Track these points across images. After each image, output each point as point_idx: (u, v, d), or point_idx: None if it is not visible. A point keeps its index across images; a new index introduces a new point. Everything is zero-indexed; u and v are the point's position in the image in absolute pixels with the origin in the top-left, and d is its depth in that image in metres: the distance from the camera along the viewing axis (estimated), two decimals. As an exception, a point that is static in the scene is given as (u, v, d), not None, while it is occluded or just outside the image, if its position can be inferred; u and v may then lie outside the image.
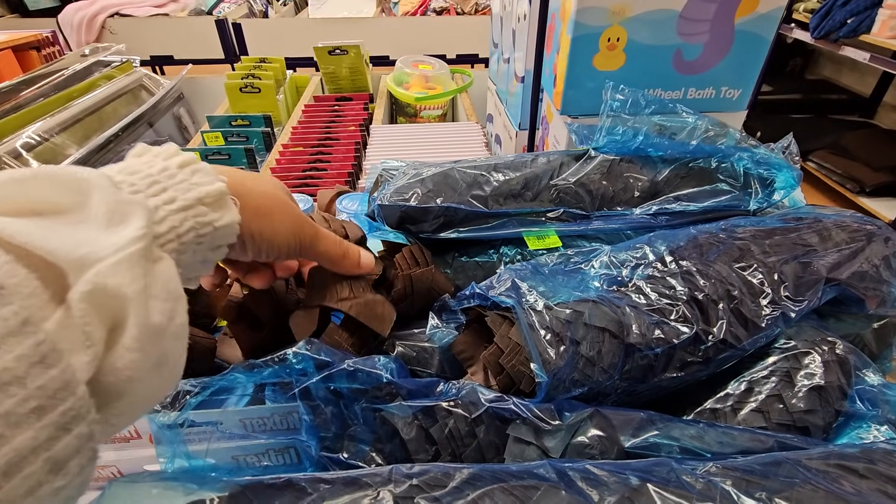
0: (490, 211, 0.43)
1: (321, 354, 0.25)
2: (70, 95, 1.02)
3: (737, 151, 0.47)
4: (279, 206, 0.28)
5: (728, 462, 0.25)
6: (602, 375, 0.29)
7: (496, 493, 0.21)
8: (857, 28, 2.37)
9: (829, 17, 2.49)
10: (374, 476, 0.22)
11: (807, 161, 2.70)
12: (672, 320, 0.31)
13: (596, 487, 0.21)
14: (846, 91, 3.40)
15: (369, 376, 0.26)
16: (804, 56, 3.74)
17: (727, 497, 0.22)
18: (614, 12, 0.54)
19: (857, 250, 0.38)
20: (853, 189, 2.43)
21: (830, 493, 0.22)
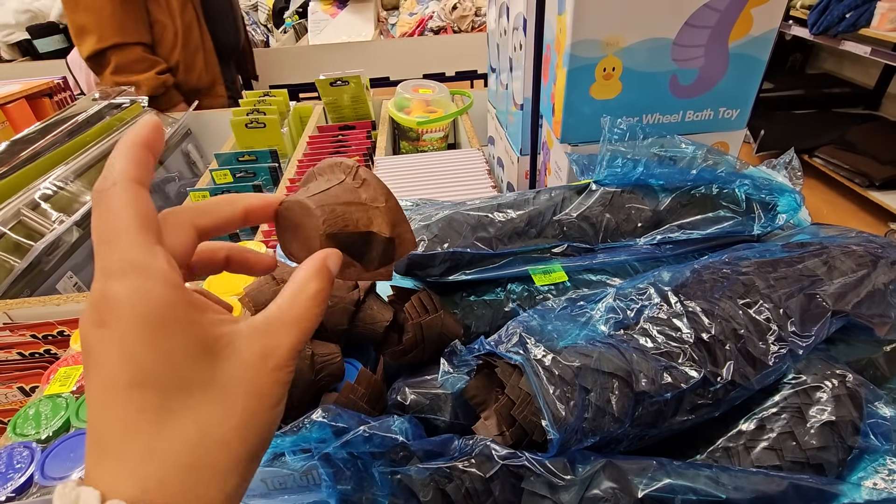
0: (495, 252, 0.44)
1: (338, 421, 0.26)
2: (84, 141, 1.05)
3: (737, 177, 0.47)
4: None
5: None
6: (613, 424, 0.29)
7: None
8: (856, 22, 2.36)
9: (828, 12, 2.49)
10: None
11: (813, 157, 2.68)
12: (680, 364, 0.31)
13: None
14: (849, 84, 3.37)
15: (384, 440, 0.27)
16: (804, 51, 3.73)
17: None
18: (608, 44, 0.55)
19: (862, 277, 0.38)
20: (862, 183, 2.40)
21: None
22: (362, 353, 0.45)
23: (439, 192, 0.78)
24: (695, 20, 0.54)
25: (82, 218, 0.83)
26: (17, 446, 0.43)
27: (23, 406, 0.47)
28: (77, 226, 0.82)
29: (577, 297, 0.37)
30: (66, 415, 0.45)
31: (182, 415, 0.17)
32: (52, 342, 0.57)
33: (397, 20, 2.47)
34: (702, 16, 0.54)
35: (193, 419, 0.17)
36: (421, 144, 1.31)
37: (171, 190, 1.28)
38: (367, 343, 0.43)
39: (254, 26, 2.30)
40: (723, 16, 0.54)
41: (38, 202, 0.82)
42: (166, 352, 0.17)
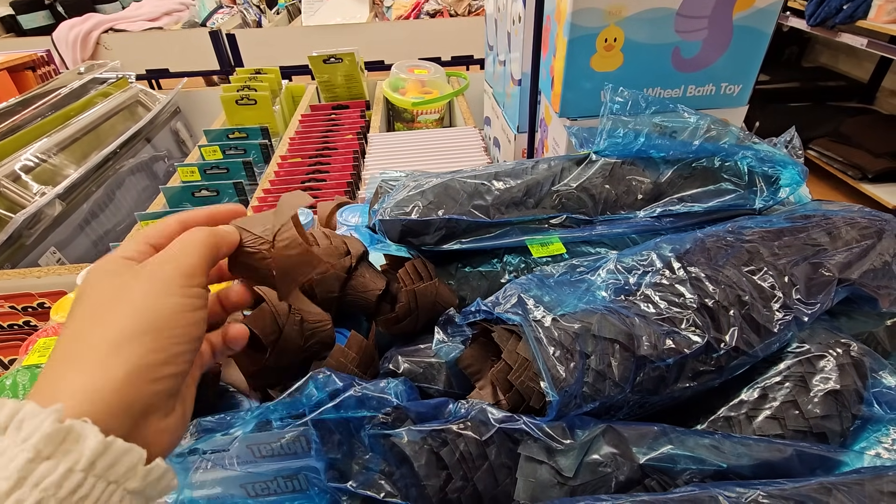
0: (492, 220, 0.43)
1: (329, 384, 0.25)
2: (67, 115, 1.02)
3: (740, 150, 0.46)
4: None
5: (775, 488, 0.24)
6: (614, 389, 0.28)
7: None
8: (853, 14, 2.35)
9: (825, 3, 2.48)
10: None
11: (808, 149, 2.69)
12: (682, 329, 0.30)
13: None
14: (844, 77, 3.38)
15: (378, 402, 0.25)
16: (800, 44, 3.72)
17: None
18: (610, 13, 0.54)
19: (867, 248, 0.37)
20: (855, 176, 2.41)
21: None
22: (354, 324, 0.44)
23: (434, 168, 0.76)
24: (699, -11, 0.53)
25: (65, 191, 0.81)
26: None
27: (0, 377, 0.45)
28: (60, 199, 0.79)
29: (576, 262, 0.36)
30: None
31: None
32: (31, 314, 0.55)
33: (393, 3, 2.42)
34: (707, -15, 0.52)
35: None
36: (416, 126, 1.29)
37: (160, 169, 1.25)
38: (359, 313, 0.42)
39: (246, 6, 2.25)
40: (728, -14, 0.53)
41: (18, 174, 0.79)
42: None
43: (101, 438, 0.18)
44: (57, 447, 0.17)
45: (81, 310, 0.21)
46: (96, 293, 0.22)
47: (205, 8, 2.29)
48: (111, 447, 0.18)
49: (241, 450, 0.30)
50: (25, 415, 0.17)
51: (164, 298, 0.21)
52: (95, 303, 0.21)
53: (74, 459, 0.17)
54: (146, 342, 0.20)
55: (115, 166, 1.05)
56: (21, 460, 0.16)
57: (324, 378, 0.25)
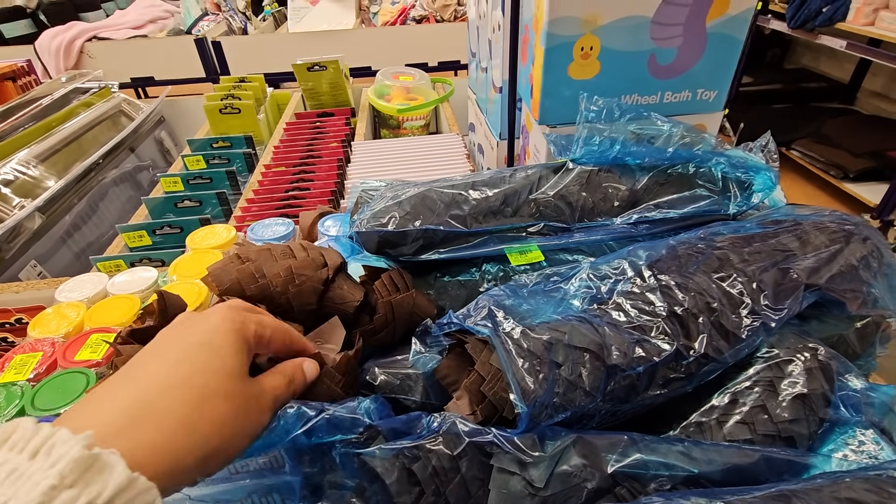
0: (469, 230, 0.43)
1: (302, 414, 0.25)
2: (48, 125, 1.01)
3: (713, 156, 0.47)
4: (206, 397, 0.22)
5: (737, 497, 0.24)
6: (585, 398, 0.28)
7: None
8: (832, 16, 2.40)
9: (805, 6, 2.52)
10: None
11: (790, 150, 2.73)
12: (652, 337, 0.31)
13: None
14: (825, 78, 3.44)
15: (351, 422, 0.25)
16: (782, 46, 3.78)
17: None
18: (586, 21, 0.55)
19: (836, 252, 0.38)
20: (837, 175, 2.45)
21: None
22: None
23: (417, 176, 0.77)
24: (672, -2, 0.54)
25: (45, 203, 0.80)
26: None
27: (-25, 395, 0.45)
28: (39, 212, 0.78)
29: (550, 272, 0.36)
30: (20, 403, 0.43)
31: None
32: (8, 330, 0.55)
33: (379, 9, 2.43)
34: (680, -6, 0.53)
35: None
36: (401, 132, 1.29)
37: (144, 179, 1.24)
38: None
39: (231, 14, 2.24)
40: (700, -6, 0.54)
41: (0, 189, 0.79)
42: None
43: (128, 474, 0.17)
44: (81, 475, 0.17)
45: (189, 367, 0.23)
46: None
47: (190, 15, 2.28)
48: (134, 484, 0.18)
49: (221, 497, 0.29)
50: (56, 440, 0.17)
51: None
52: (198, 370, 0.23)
53: (97, 492, 0.17)
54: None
55: (98, 177, 1.04)
56: (45, 486, 0.16)
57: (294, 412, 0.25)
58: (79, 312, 0.53)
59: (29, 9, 2.05)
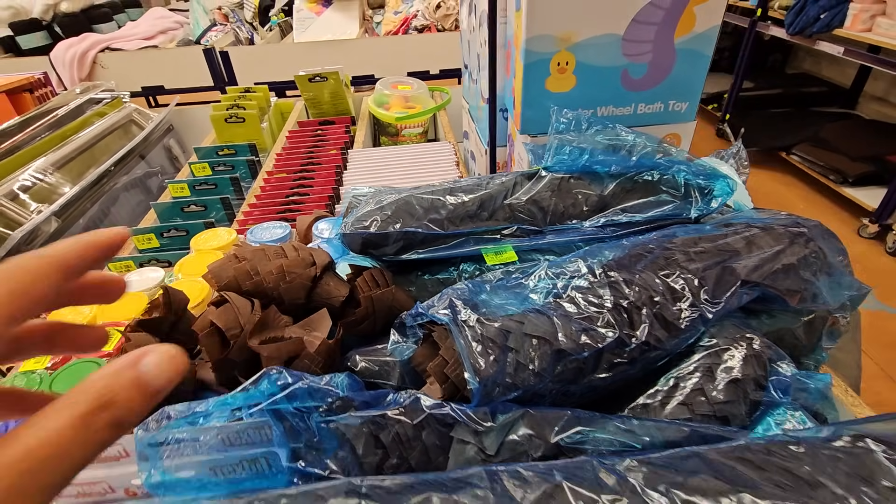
0: (447, 232, 0.47)
1: (282, 379, 0.29)
2: (64, 134, 1.07)
3: (675, 164, 0.51)
4: None
5: (645, 456, 0.28)
6: (534, 378, 0.32)
7: (433, 496, 0.24)
8: (830, 23, 2.42)
9: (804, 12, 2.55)
10: (329, 489, 0.26)
11: (790, 154, 2.75)
12: (599, 326, 0.34)
13: (521, 487, 0.24)
14: (826, 83, 3.45)
15: (325, 393, 0.30)
16: (783, 51, 3.80)
17: (633, 490, 0.25)
18: (561, 39, 0.59)
19: (777, 252, 0.42)
20: (836, 180, 2.47)
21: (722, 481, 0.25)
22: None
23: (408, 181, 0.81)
24: (641, 17, 0.57)
25: (61, 208, 0.85)
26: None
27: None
28: (56, 216, 0.83)
29: (513, 269, 0.40)
30: (40, 388, 0.48)
31: None
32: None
33: (382, 18, 2.49)
34: (648, 13, 0.57)
35: None
36: (400, 139, 1.34)
37: (154, 184, 1.30)
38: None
39: (238, 24, 2.31)
40: (668, 13, 0.58)
41: (16, 193, 0.84)
42: None
43: None
44: None
45: None
46: None
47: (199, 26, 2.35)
48: None
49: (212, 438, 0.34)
50: None
51: None
52: None
53: None
54: None
55: (110, 183, 1.09)
56: None
57: (276, 374, 0.29)
58: (92, 308, 0.57)
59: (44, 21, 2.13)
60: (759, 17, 2.93)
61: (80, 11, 2.18)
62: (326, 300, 0.43)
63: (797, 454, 0.25)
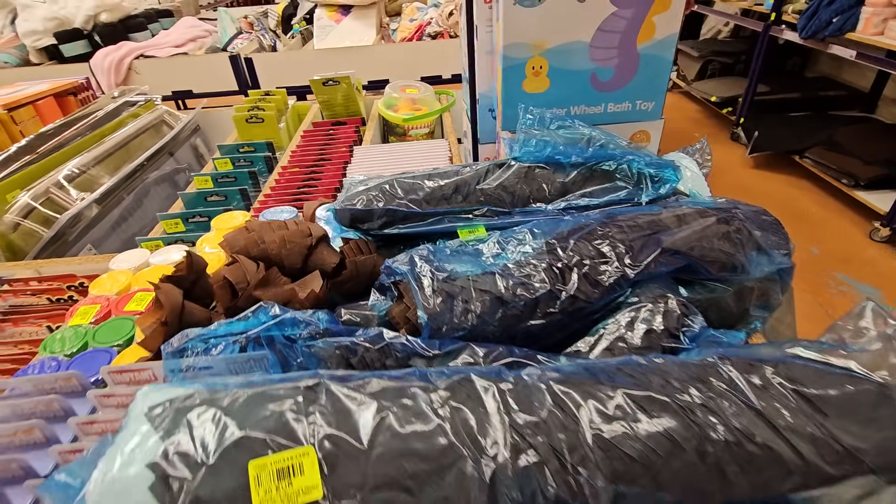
0: (423, 211, 0.55)
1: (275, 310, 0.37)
2: (103, 133, 1.18)
3: (627, 154, 0.58)
4: None
5: (545, 370, 0.35)
6: (476, 321, 0.40)
7: (373, 379, 0.32)
8: (842, 26, 2.42)
9: (816, 16, 2.56)
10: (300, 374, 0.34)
11: (803, 158, 2.74)
12: (535, 282, 0.42)
13: (441, 375, 0.32)
14: (846, 87, 3.42)
15: (307, 323, 0.38)
16: (802, 55, 3.78)
17: (524, 383, 0.32)
18: (535, 46, 0.66)
19: (702, 227, 0.48)
20: (849, 183, 2.46)
21: (593, 380, 0.32)
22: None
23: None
24: (606, 26, 0.65)
25: (101, 196, 0.96)
26: (47, 359, 0.55)
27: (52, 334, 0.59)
28: (96, 203, 0.94)
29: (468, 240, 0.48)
30: (85, 338, 0.57)
31: None
32: (74, 290, 0.70)
33: (398, 26, 2.59)
34: (612, 22, 0.64)
35: None
36: (408, 139, 1.43)
37: (181, 180, 1.41)
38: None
39: (262, 32, 2.44)
40: (630, 22, 0.65)
41: (62, 183, 0.95)
42: None
43: None
44: None
45: None
46: None
47: (226, 34, 2.49)
48: None
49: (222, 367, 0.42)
50: None
51: None
52: None
53: None
54: None
55: (143, 177, 1.21)
56: None
57: (269, 307, 0.37)
58: (127, 277, 0.67)
59: (85, 30, 2.30)
60: (773, 21, 2.94)
61: (118, 21, 2.34)
62: (320, 265, 0.52)
63: (660, 365, 0.32)
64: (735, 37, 4.24)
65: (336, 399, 0.28)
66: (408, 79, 1.79)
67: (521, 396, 0.29)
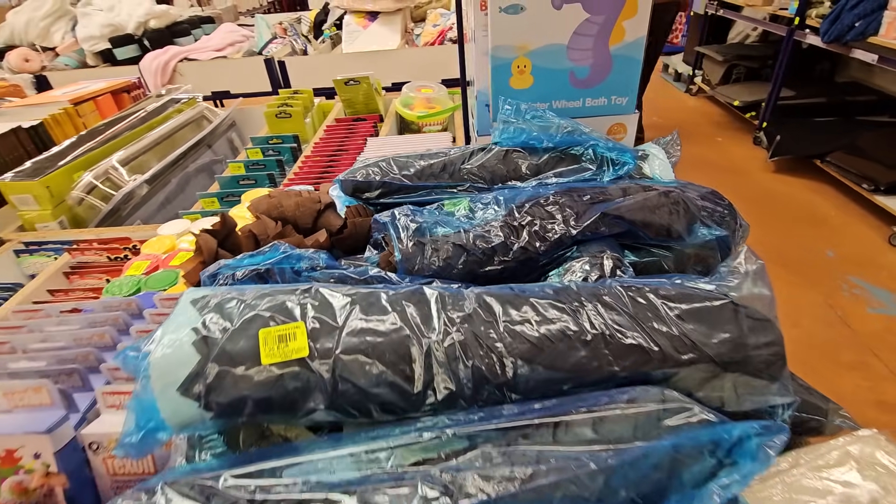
0: (414, 185, 0.66)
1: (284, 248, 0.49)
2: (151, 126, 1.34)
3: (590, 140, 0.67)
4: None
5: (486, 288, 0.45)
6: (443, 263, 0.50)
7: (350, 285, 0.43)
8: (864, 31, 2.42)
9: (839, 20, 2.56)
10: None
11: (824, 162, 2.73)
12: (492, 236, 0.52)
13: (399, 287, 0.42)
14: (876, 92, 3.37)
15: (310, 259, 0.49)
16: (832, 60, 3.72)
17: (474, 297, 0.43)
18: (519, 47, 0.76)
19: (644, 198, 0.57)
20: (868, 187, 2.44)
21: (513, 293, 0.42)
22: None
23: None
24: (581, 30, 0.74)
25: (150, 178, 1.11)
26: (107, 299, 0.68)
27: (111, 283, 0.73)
28: (146, 183, 1.09)
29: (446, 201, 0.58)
30: (138, 285, 0.70)
31: None
32: (129, 251, 0.83)
33: (422, 31, 2.72)
34: (585, 27, 0.74)
35: None
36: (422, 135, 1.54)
37: (218, 170, 1.56)
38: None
39: (294, 37, 2.61)
40: (601, 27, 0.74)
41: (118, 166, 1.10)
42: None
43: None
44: None
45: None
46: None
47: (262, 39, 2.67)
48: None
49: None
50: None
51: None
52: None
53: None
54: None
55: (184, 165, 1.36)
56: None
57: (280, 244, 0.49)
58: (172, 240, 0.80)
59: (136, 35, 2.51)
60: (797, 25, 2.93)
61: (165, 27, 2.55)
62: (326, 226, 0.63)
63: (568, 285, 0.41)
64: (763, 42, 4.20)
65: (322, 295, 0.38)
66: (429, 81, 1.90)
67: (455, 300, 0.39)
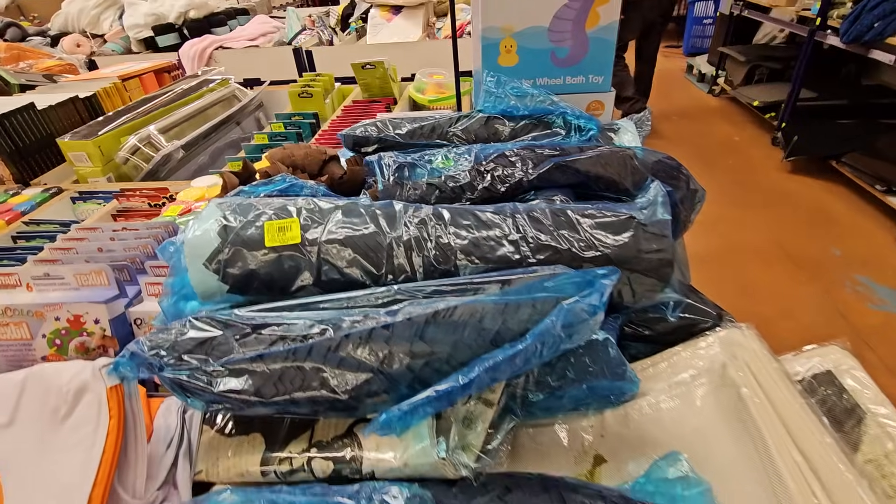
0: (405, 142, 0.77)
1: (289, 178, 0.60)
2: (187, 102, 1.49)
3: (560, 108, 0.77)
4: None
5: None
6: (417, 198, 0.61)
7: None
8: (883, 31, 2.43)
9: (858, 21, 2.56)
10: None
11: (840, 163, 2.73)
12: (461, 178, 0.63)
13: (376, 205, 0.53)
14: (904, 95, 3.32)
15: (312, 188, 0.61)
16: (858, 62, 3.68)
17: (429, 209, 0.54)
18: (505, 29, 0.87)
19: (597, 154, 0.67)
20: (882, 188, 2.44)
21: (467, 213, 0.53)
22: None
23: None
24: (560, 14, 0.84)
25: (185, 144, 1.25)
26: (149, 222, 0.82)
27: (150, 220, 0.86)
28: (183, 149, 1.23)
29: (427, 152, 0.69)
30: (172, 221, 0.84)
31: None
32: (166, 199, 0.97)
33: (444, 25, 2.83)
34: (564, 12, 0.84)
35: None
36: (432, 119, 1.65)
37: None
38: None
39: (321, 28, 2.75)
40: (579, 12, 0.84)
41: (157, 134, 1.25)
42: None
43: None
44: None
45: None
46: None
47: (292, 30, 2.82)
48: None
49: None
50: None
51: None
52: None
53: None
54: None
55: (216, 139, 1.51)
56: None
57: (285, 175, 0.61)
58: (202, 190, 0.94)
59: (177, 25, 2.70)
60: (819, 26, 2.93)
61: (203, 18, 2.73)
62: (329, 174, 0.75)
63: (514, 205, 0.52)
64: (790, 43, 4.17)
65: (314, 202, 0.50)
66: (427, 67, 2.00)
67: (416, 210, 0.50)
